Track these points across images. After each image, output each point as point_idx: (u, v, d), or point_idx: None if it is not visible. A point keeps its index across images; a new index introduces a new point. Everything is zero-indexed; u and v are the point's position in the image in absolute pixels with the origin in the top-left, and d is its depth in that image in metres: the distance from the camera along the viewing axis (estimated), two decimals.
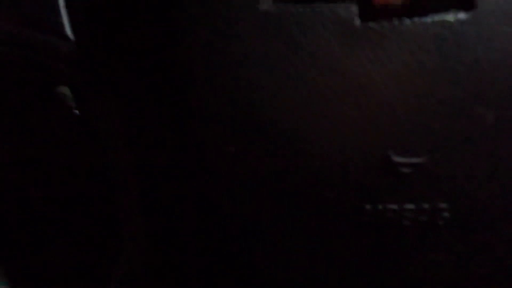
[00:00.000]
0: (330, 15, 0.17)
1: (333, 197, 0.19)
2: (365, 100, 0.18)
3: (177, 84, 0.20)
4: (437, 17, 0.16)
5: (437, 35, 0.16)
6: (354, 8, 0.17)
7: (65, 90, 0.27)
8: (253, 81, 0.18)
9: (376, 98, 0.17)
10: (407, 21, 0.17)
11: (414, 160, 0.18)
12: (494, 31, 0.16)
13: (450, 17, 0.16)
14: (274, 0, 0.17)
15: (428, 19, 0.16)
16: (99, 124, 0.23)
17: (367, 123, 0.18)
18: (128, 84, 0.22)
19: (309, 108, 0.18)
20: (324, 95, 0.18)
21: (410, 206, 0.18)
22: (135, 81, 0.22)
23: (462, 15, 0.16)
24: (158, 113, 0.22)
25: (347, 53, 0.17)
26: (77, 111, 0.26)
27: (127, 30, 0.21)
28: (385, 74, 0.17)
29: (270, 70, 0.18)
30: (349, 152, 0.18)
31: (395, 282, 0.20)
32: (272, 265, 0.21)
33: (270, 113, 0.18)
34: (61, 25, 0.22)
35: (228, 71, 0.18)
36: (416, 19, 0.17)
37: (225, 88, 0.19)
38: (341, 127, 0.18)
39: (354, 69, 0.17)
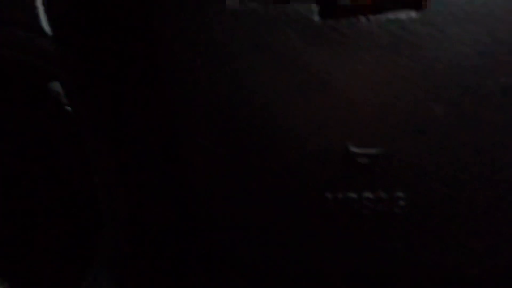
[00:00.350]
0: (292, 13, 0.18)
1: (298, 185, 0.20)
2: (325, 95, 0.19)
3: (152, 77, 0.21)
4: (391, 16, 0.18)
5: (391, 33, 0.17)
6: (315, 7, 0.18)
7: (57, 86, 0.27)
8: (223, 76, 0.19)
9: (336, 93, 0.18)
10: (363, 19, 0.18)
11: (371, 151, 0.19)
12: (442, 30, 0.17)
13: (403, 15, 0.17)
14: None
15: (383, 17, 0.18)
16: (83, 118, 0.24)
17: (327, 116, 0.19)
18: (106, 78, 0.23)
19: (274, 102, 0.19)
20: (287, 90, 0.19)
21: (369, 194, 0.19)
22: (113, 76, 0.22)
23: (413, 14, 0.17)
24: (135, 104, 0.23)
25: (309, 50, 0.18)
26: (69, 108, 0.26)
27: (103, 26, 0.22)
28: (344, 70, 0.18)
29: (238, 66, 0.19)
30: (311, 143, 0.19)
31: (356, 267, 0.21)
32: (245, 249, 0.22)
33: (239, 107, 0.19)
34: (37, 20, 0.22)
35: (200, 65, 0.19)
36: (372, 17, 0.18)
37: (196, 82, 0.20)
38: (303, 119, 0.19)
39: (316, 65, 0.18)
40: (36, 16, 0.22)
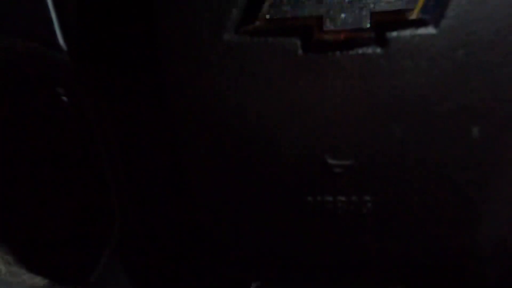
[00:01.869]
0: (278, 46, 0.21)
1: (285, 190, 0.23)
2: (307, 116, 0.22)
3: (157, 91, 0.24)
4: (361, 51, 0.21)
5: (360, 66, 0.21)
6: (298, 41, 0.21)
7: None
8: (220, 98, 0.22)
9: (316, 115, 0.22)
10: (338, 54, 0.21)
11: (344, 162, 0.22)
12: (400, 63, 0.21)
13: (370, 51, 0.21)
14: (236, 31, 0.22)
15: (354, 52, 0.21)
16: (91, 120, 0.27)
17: (308, 134, 0.22)
18: (116, 89, 0.25)
19: (262, 120, 0.22)
20: (274, 111, 0.22)
21: (342, 198, 0.23)
22: (123, 86, 0.25)
23: (378, 50, 0.21)
24: (142, 112, 0.26)
25: (292, 76, 0.22)
26: (65, 98, 0.29)
27: (113, 41, 0.25)
28: (322, 96, 0.22)
29: (231, 88, 0.22)
30: (295, 156, 0.23)
31: (333, 258, 0.25)
32: (237, 243, 0.26)
33: (232, 124, 0.23)
34: (54, 36, 0.25)
35: (200, 88, 0.23)
36: (344, 52, 0.21)
37: (197, 102, 0.23)
38: (288, 136, 0.22)
39: (298, 89, 0.22)
40: (52, 30, 0.25)
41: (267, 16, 0.21)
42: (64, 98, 0.29)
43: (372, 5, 0.21)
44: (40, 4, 0.23)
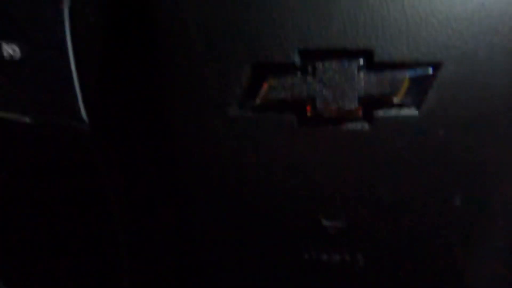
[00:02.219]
0: (277, 121, 0.24)
1: (281, 247, 0.26)
2: (304, 182, 0.24)
3: (168, 160, 0.27)
4: (350, 126, 0.24)
5: (349, 140, 0.24)
6: (294, 117, 0.24)
7: None
8: (225, 167, 0.25)
9: (311, 181, 0.24)
10: (330, 128, 0.24)
11: (337, 224, 0.25)
12: (387, 141, 0.23)
13: (358, 127, 0.23)
14: (239, 107, 0.24)
15: (344, 127, 0.24)
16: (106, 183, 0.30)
17: (305, 198, 0.25)
18: (129, 157, 0.28)
19: (264, 186, 0.25)
20: (275, 178, 0.25)
21: (336, 256, 0.25)
22: (135, 154, 0.28)
23: (366, 126, 0.23)
24: (152, 176, 0.29)
25: (290, 148, 0.24)
26: None
27: (128, 115, 0.28)
28: (316, 165, 0.24)
29: (237, 158, 0.25)
30: (293, 217, 0.25)
31: None
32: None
33: (237, 188, 0.25)
34: (78, 110, 0.28)
35: (207, 157, 0.25)
36: (335, 127, 0.24)
37: (204, 170, 0.25)
38: (287, 200, 0.25)
39: (295, 160, 0.24)
40: (77, 106, 0.28)
41: (267, 94, 0.24)
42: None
43: (361, 88, 0.23)
44: (68, 84, 0.27)
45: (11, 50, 0.26)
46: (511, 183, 0.25)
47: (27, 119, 0.27)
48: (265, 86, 0.24)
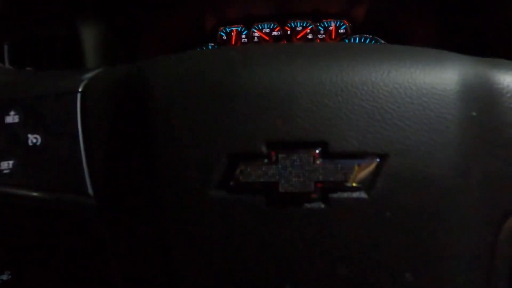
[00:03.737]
0: (248, 201, 0.28)
1: None
2: (272, 253, 0.28)
3: (159, 233, 0.31)
4: (309, 206, 0.27)
5: (308, 217, 0.27)
6: (263, 198, 0.28)
7: None
8: (207, 238, 0.29)
9: (278, 252, 0.28)
10: (292, 207, 0.28)
11: None
12: (340, 219, 0.27)
13: (316, 206, 0.27)
14: (217, 188, 0.29)
15: (303, 207, 0.28)
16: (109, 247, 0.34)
17: (273, 269, 0.28)
18: (128, 225, 0.33)
19: (241, 257, 0.29)
20: (248, 249, 0.28)
21: None
22: (132, 224, 0.33)
23: (323, 206, 0.27)
24: (146, 245, 0.33)
25: (260, 224, 0.28)
26: None
27: (128, 191, 0.32)
28: (282, 238, 0.28)
29: (217, 233, 0.29)
30: (261, 286, 0.29)
31: None
32: None
33: (218, 259, 0.29)
34: (85, 187, 0.33)
35: (190, 232, 0.29)
36: (296, 206, 0.28)
37: (189, 240, 0.29)
38: (258, 269, 0.29)
39: (264, 234, 0.28)
40: (84, 184, 0.33)
41: (240, 178, 0.28)
42: None
43: (318, 174, 0.27)
44: (78, 166, 0.32)
45: (34, 139, 0.32)
46: (455, 257, 0.28)
47: (44, 196, 0.33)
48: (238, 171, 0.28)
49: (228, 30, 0.95)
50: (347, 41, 0.91)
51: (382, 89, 0.28)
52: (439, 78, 0.28)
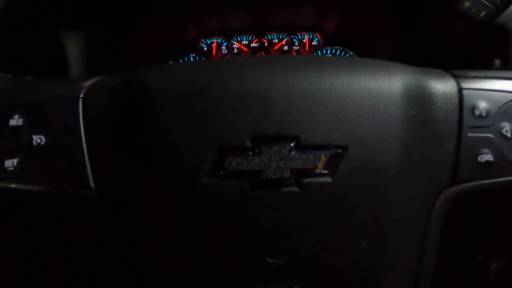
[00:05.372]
0: (235, 186, 0.34)
1: (238, 279, 0.35)
2: (255, 230, 0.34)
3: (158, 222, 0.36)
4: (285, 189, 0.33)
5: (285, 199, 0.33)
6: (247, 184, 0.34)
7: None
8: (200, 217, 0.34)
9: (260, 229, 0.34)
10: (271, 191, 0.34)
11: (277, 261, 0.34)
12: (311, 199, 0.33)
13: (291, 189, 0.33)
14: (208, 177, 0.34)
15: (281, 190, 0.33)
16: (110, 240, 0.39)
17: (256, 241, 0.34)
18: (127, 217, 0.38)
19: (228, 235, 0.34)
20: (235, 227, 0.34)
21: (279, 285, 0.34)
22: (132, 215, 0.37)
23: (296, 189, 0.33)
24: (145, 235, 0.38)
25: (245, 206, 0.34)
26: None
27: (128, 185, 0.37)
28: (263, 217, 0.34)
29: (209, 215, 0.34)
30: (247, 255, 0.34)
31: None
32: None
33: (208, 238, 0.35)
34: (87, 179, 0.38)
35: (183, 216, 0.35)
36: (275, 190, 0.34)
37: (182, 226, 0.35)
38: (239, 243, 0.34)
39: (249, 214, 0.34)
40: (87, 177, 0.38)
41: (228, 168, 0.34)
42: None
43: (292, 163, 0.33)
44: (80, 161, 0.37)
45: (38, 139, 0.37)
46: (399, 227, 0.34)
47: (47, 189, 0.37)
48: (227, 162, 0.34)
49: (208, 42, 1.01)
50: (319, 52, 0.98)
51: (343, 93, 0.34)
52: (387, 84, 0.34)
